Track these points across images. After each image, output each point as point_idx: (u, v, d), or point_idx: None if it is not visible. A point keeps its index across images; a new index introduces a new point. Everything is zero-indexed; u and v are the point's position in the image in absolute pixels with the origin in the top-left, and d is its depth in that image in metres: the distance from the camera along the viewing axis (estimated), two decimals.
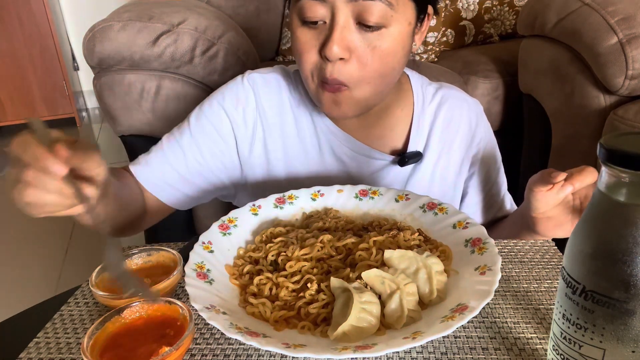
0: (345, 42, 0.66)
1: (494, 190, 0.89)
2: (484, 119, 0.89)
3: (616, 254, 0.35)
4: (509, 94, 1.59)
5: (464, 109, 0.86)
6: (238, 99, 0.81)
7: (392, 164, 0.83)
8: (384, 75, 0.71)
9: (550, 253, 0.66)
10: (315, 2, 0.65)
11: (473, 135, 0.86)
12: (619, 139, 0.35)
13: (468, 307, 0.48)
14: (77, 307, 0.60)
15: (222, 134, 0.81)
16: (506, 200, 0.91)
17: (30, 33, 3.15)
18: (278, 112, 0.83)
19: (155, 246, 0.62)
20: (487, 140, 0.88)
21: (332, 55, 0.66)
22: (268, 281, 0.57)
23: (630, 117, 1.11)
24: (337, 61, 0.67)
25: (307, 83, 0.73)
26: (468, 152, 0.86)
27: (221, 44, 1.21)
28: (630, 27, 1.10)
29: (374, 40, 0.67)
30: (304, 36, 0.69)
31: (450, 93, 0.87)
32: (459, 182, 0.87)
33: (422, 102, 0.84)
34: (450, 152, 0.85)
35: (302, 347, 0.46)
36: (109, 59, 1.17)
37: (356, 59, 0.68)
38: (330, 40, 0.66)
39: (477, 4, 1.81)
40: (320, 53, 0.68)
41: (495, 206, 0.90)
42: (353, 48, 0.67)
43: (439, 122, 0.84)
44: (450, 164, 0.85)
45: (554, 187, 0.68)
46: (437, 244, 0.63)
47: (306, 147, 0.83)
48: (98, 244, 2.03)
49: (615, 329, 0.36)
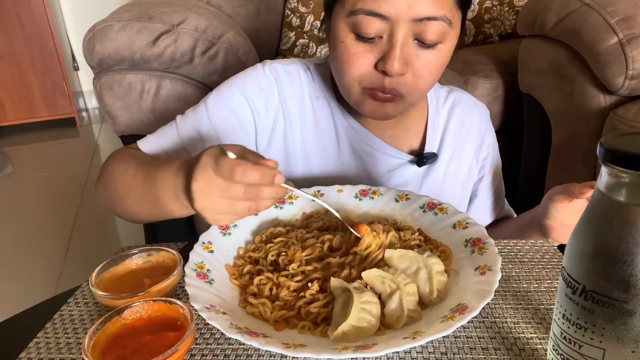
0: (405, 57, 0.66)
1: (498, 191, 0.92)
2: (490, 123, 0.91)
3: (616, 254, 0.35)
4: (509, 94, 1.59)
5: (475, 113, 0.88)
6: (261, 88, 0.79)
7: (409, 163, 0.83)
8: (433, 84, 0.72)
9: (550, 253, 0.66)
10: (374, 19, 0.64)
11: (482, 139, 0.88)
12: (619, 139, 0.35)
13: (468, 307, 0.48)
14: (77, 307, 0.60)
15: (242, 122, 0.79)
16: (505, 200, 0.95)
17: (30, 33, 3.15)
18: (298, 104, 0.82)
19: (155, 246, 0.62)
20: (493, 144, 0.90)
21: (393, 72, 0.66)
22: (268, 281, 0.57)
23: (630, 117, 1.11)
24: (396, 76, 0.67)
25: (348, 89, 0.72)
26: (477, 155, 0.88)
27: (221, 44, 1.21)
28: (630, 27, 1.10)
29: (429, 55, 0.67)
30: (356, 47, 0.67)
31: (461, 97, 0.88)
32: (467, 185, 0.89)
33: (436, 104, 0.86)
34: (461, 154, 0.86)
35: (302, 347, 0.46)
36: (109, 59, 1.17)
37: (412, 72, 0.68)
38: (391, 58, 0.65)
39: (477, 4, 1.81)
40: (376, 66, 0.68)
41: (498, 207, 0.93)
42: (410, 63, 0.67)
43: (452, 125, 0.86)
44: (460, 166, 0.87)
45: (574, 200, 0.69)
46: (437, 244, 0.63)
47: (324, 141, 0.82)
48: (98, 244, 2.03)
49: (615, 329, 0.36)
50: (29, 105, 3.31)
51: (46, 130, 3.39)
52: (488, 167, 0.89)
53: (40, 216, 2.30)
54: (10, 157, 3.11)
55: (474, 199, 0.91)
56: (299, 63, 0.84)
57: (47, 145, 3.25)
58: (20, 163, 3.03)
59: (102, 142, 3.21)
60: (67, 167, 2.77)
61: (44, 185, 2.62)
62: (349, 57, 0.68)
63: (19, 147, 3.25)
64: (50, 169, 2.82)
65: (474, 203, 0.90)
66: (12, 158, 3.11)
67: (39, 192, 2.55)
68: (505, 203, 0.95)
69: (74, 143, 3.28)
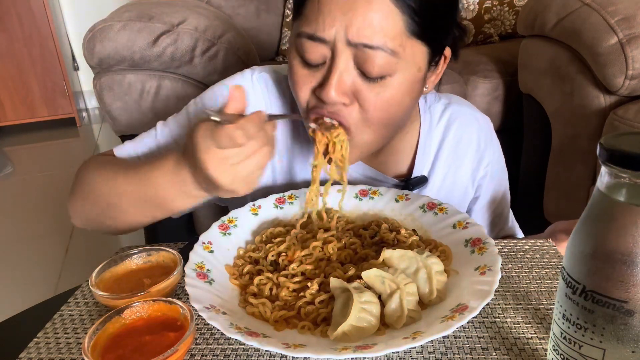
0: (344, 87, 0.61)
1: (498, 210, 0.87)
2: (493, 138, 0.84)
3: (616, 254, 0.35)
4: (509, 94, 1.59)
5: (473, 128, 0.82)
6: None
7: (395, 187, 0.79)
8: (388, 124, 0.65)
9: (550, 253, 0.66)
10: (316, 43, 0.60)
11: (481, 157, 0.82)
12: (619, 139, 0.35)
13: (468, 307, 0.48)
14: (77, 307, 0.60)
15: None
16: (509, 218, 0.89)
17: (30, 33, 3.15)
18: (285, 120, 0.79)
19: (155, 246, 0.62)
20: (495, 162, 0.84)
21: (328, 99, 0.61)
22: (268, 281, 0.57)
23: (630, 117, 1.11)
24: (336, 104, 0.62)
25: (302, 113, 0.68)
26: (474, 174, 0.83)
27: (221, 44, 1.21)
28: (630, 27, 1.10)
29: (376, 88, 0.61)
30: (301, 71, 0.63)
31: (460, 110, 0.82)
32: (462, 204, 0.84)
33: (430, 123, 0.81)
34: (456, 174, 0.82)
35: (302, 347, 0.46)
36: (109, 59, 1.17)
37: (357, 104, 0.62)
38: (327, 85, 0.60)
39: (477, 4, 1.81)
40: (315, 92, 0.63)
41: (496, 228, 0.88)
42: (354, 93, 0.61)
43: (447, 144, 0.81)
44: (455, 187, 0.82)
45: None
46: (437, 244, 0.63)
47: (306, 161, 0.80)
48: (98, 244, 2.03)
49: (615, 329, 0.36)
50: (29, 105, 3.31)
51: (46, 130, 3.39)
52: (485, 187, 0.84)
53: (40, 216, 2.30)
54: (10, 157, 3.11)
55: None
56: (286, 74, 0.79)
57: (47, 145, 3.25)
58: (20, 163, 3.04)
59: (102, 142, 3.21)
60: (67, 167, 2.77)
61: (44, 185, 2.62)
62: (295, 81, 0.64)
63: (19, 147, 3.25)
64: (50, 169, 2.81)
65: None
66: (12, 158, 3.12)
67: (39, 192, 2.55)
68: (508, 222, 0.89)
69: (74, 143, 3.28)
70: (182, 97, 1.22)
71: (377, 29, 0.58)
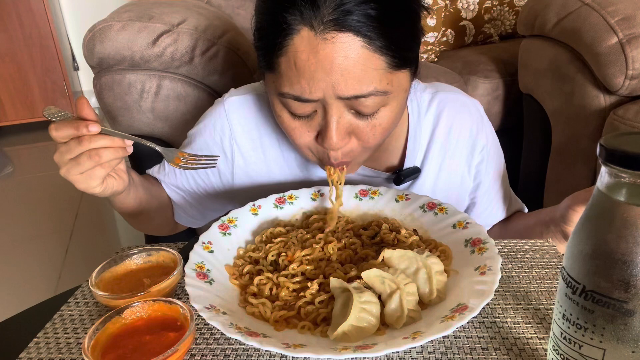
0: (343, 132, 0.62)
1: (502, 191, 0.87)
2: (484, 121, 0.84)
3: (616, 254, 0.35)
4: (509, 94, 1.59)
5: (464, 114, 0.81)
6: (215, 129, 0.80)
7: (387, 181, 0.80)
8: (384, 139, 0.68)
9: (550, 253, 0.66)
10: (303, 103, 0.60)
11: (474, 143, 0.82)
12: (619, 139, 0.35)
13: (468, 307, 0.48)
14: (77, 307, 0.60)
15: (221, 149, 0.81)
16: (513, 197, 0.90)
17: (30, 33, 3.15)
18: (259, 135, 0.80)
19: (155, 246, 0.62)
20: (490, 144, 0.83)
21: (333, 147, 0.63)
22: (268, 281, 0.57)
23: (630, 117, 1.11)
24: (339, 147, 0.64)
25: (302, 154, 0.70)
26: (470, 162, 0.82)
27: (221, 44, 1.21)
28: (630, 27, 1.10)
29: (372, 121, 0.63)
30: (294, 123, 0.64)
31: (448, 97, 0.81)
32: (462, 194, 0.84)
33: (418, 113, 0.80)
34: (452, 163, 0.81)
35: (302, 347, 0.46)
36: (109, 59, 1.17)
37: (356, 138, 0.65)
38: (328, 136, 0.62)
39: (477, 4, 1.81)
40: (317, 139, 0.65)
41: (504, 207, 0.88)
42: (352, 131, 0.63)
43: (439, 132, 0.80)
44: (451, 175, 0.82)
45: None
46: (437, 243, 0.63)
47: (291, 166, 0.81)
48: (98, 244, 2.03)
49: (615, 329, 0.36)
50: (29, 105, 3.31)
51: (46, 130, 3.37)
52: (484, 172, 0.83)
53: (40, 216, 2.30)
54: (10, 157, 3.11)
55: (472, 207, 0.86)
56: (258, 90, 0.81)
57: (47, 145, 3.25)
58: (20, 163, 3.04)
59: None
60: None
61: (44, 185, 2.62)
62: (290, 131, 0.66)
63: (19, 147, 3.25)
64: (50, 169, 2.81)
65: (474, 211, 0.86)
66: (12, 158, 3.12)
67: (39, 192, 2.55)
68: (512, 199, 0.89)
69: None
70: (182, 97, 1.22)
71: (363, 79, 0.58)
